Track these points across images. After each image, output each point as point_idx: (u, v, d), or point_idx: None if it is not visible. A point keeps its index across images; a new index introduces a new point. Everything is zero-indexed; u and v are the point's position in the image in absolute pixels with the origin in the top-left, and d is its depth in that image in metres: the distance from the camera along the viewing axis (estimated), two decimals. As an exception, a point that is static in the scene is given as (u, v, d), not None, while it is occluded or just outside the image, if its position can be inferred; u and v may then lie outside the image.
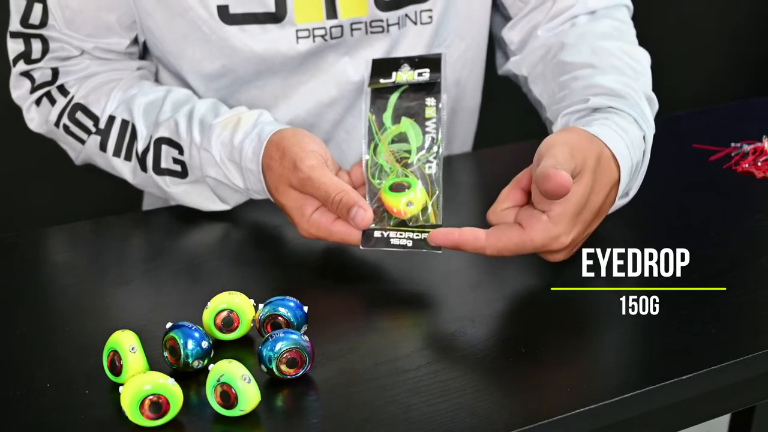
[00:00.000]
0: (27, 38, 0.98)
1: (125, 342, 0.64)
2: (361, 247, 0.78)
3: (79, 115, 0.98)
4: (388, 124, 0.85)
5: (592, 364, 0.67)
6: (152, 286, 0.81)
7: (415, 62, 0.88)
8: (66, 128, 0.98)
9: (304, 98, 1.01)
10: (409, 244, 0.78)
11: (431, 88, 0.86)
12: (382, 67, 0.88)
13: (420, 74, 0.87)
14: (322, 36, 0.97)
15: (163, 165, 0.93)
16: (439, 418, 0.61)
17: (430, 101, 0.86)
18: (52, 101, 0.99)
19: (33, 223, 1.69)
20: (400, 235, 0.78)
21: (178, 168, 0.93)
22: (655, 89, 0.89)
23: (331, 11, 0.96)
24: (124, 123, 0.96)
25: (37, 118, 1.01)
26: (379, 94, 0.86)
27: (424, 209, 0.79)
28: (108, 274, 0.83)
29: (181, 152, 0.92)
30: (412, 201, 0.79)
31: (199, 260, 0.85)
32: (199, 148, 0.90)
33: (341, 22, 0.97)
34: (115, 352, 0.65)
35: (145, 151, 0.94)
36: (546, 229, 0.73)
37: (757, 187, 0.96)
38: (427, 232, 0.77)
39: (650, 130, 0.84)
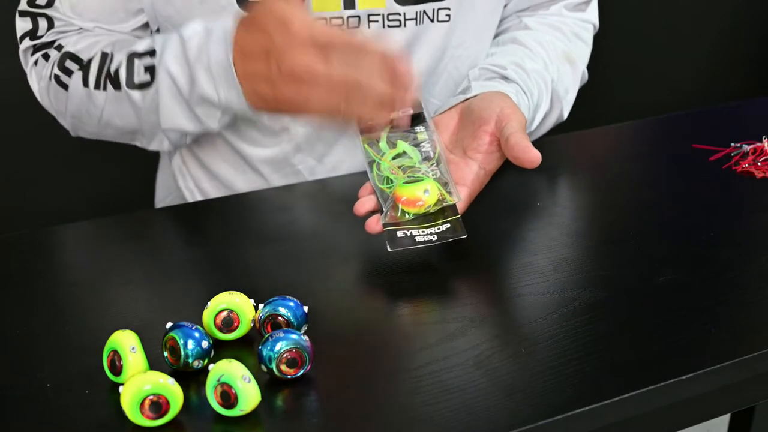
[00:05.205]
0: (34, 17, 1.00)
1: (125, 342, 0.64)
2: (389, 250, 0.79)
3: (68, 63, 0.99)
4: (384, 149, 0.88)
5: (591, 364, 0.67)
6: (153, 286, 0.81)
7: None
8: (56, 78, 1.00)
9: None
10: (434, 238, 0.80)
11: (416, 119, 0.90)
12: None
13: (403, 112, 0.90)
14: (339, 26, 0.97)
15: (136, 79, 0.94)
16: (439, 418, 0.61)
17: (419, 128, 0.90)
18: (47, 57, 1.01)
19: (33, 223, 1.69)
20: (423, 231, 0.80)
21: (148, 78, 0.94)
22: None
23: (349, 1, 0.97)
24: (104, 55, 0.97)
25: (36, 83, 1.03)
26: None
27: (440, 200, 0.81)
28: (108, 274, 0.83)
29: (152, 55, 0.94)
30: (429, 189, 0.81)
31: (199, 260, 0.85)
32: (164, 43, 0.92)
33: (358, 13, 0.98)
34: (115, 352, 0.65)
35: (119, 68, 0.95)
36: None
37: (757, 187, 0.96)
38: (447, 223, 0.80)
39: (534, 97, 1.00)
